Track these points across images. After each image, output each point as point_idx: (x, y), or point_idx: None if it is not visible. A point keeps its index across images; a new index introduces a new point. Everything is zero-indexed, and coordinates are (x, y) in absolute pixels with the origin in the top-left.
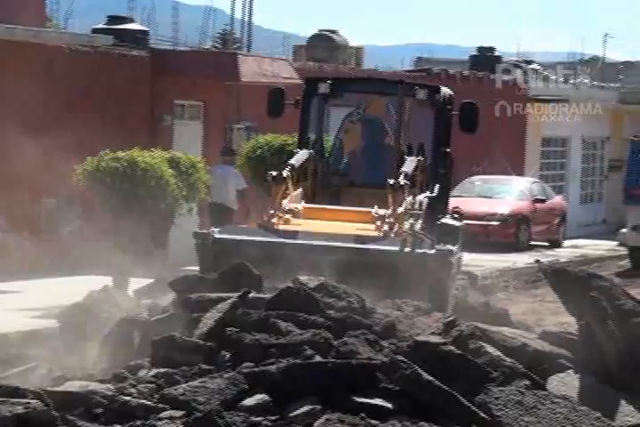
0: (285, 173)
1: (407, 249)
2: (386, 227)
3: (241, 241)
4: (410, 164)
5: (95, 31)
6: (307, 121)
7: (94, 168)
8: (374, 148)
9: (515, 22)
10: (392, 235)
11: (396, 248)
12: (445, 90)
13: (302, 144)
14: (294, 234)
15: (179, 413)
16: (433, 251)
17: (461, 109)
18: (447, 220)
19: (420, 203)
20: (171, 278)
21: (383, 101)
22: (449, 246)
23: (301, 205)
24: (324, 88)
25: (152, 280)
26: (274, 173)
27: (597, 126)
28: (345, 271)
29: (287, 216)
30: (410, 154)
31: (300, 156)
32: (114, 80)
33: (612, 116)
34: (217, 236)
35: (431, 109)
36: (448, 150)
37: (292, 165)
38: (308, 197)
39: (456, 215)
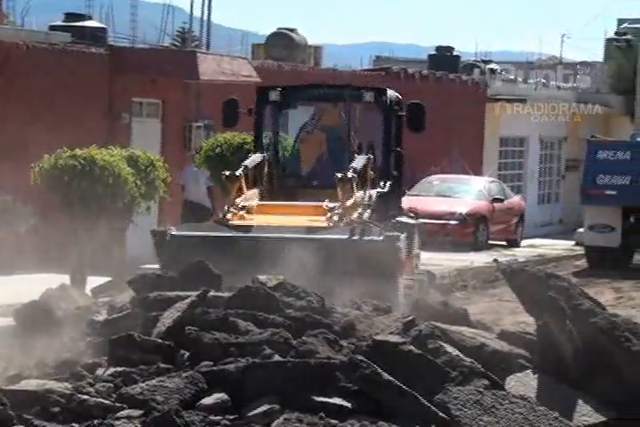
0: (238, 172)
1: (355, 237)
2: (335, 218)
3: (196, 237)
4: (359, 160)
5: (53, 28)
6: (260, 128)
7: (52, 166)
8: (329, 152)
9: (473, 22)
10: (341, 224)
11: (345, 236)
12: (391, 92)
13: (257, 148)
14: (248, 228)
15: (137, 412)
16: (381, 237)
17: (408, 110)
18: (402, 218)
19: (370, 196)
20: (129, 277)
21: (336, 110)
22: (396, 233)
23: (255, 202)
24: (274, 96)
25: (110, 279)
26: (227, 173)
27: (555, 126)
28: (298, 262)
29: (241, 213)
30: (360, 154)
31: (254, 158)
32: (72, 78)
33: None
34: (173, 233)
35: (379, 111)
36: (398, 150)
37: (246, 166)
38: (264, 198)
39: (411, 214)
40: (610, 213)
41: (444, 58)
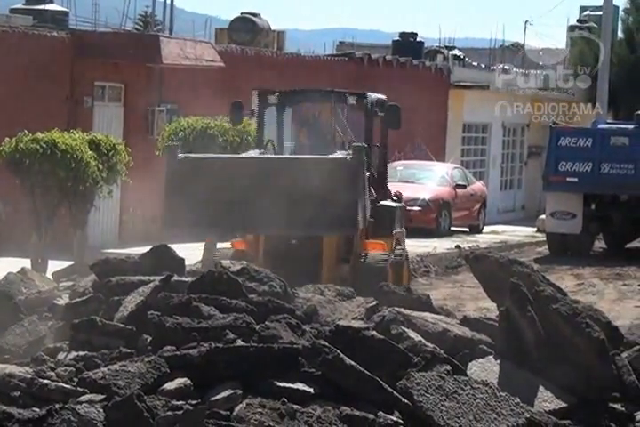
0: None
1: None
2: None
3: (206, 159)
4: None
5: (13, 11)
6: (262, 126)
7: (12, 149)
8: (317, 146)
9: (437, 8)
10: None
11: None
12: (372, 95)
13: (258, 144)
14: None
15: (98, 396)
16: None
17: (387, 111)
18: (386, 202)
19: None
20: (91, 261)
21: (332, 111)
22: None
23: None
24: (273, 99)
25: (71, 263)
26: None
27: (518, 113)
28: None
29: None
30: (343, 148)
31: (251, 153)
32: (33, 61)
33: (531, 103)
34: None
35: (361, 112)
36: (377, 145)
37: None
38: None
39: (395, 198)
40: (571, 199)
41: (407, 44)
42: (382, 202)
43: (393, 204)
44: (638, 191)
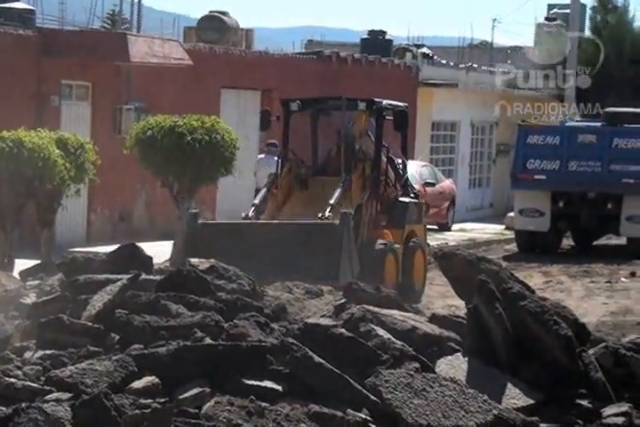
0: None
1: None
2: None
3: (221, 224)
4: (336, 195)
5: None
6: (286, 133)
7: None
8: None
9: (406, 7)
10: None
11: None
12: (381, 101)
13: (284, 151)
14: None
15: (66, 395)
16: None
17: (394, 115)
18: (404, 198)
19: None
20: (58, 260)
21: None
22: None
23: None
24: (294, 106)
25: (38, 262)
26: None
27: (486, 111)
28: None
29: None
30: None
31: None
32: None
33: (500, 101)
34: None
35: (370, 117)
36: (385, 147)
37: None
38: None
39: (412, 195)
40: (539, 197)
41: (376, 42)
42: (401, 198)
43: (408, 200)
44: (606, 189)
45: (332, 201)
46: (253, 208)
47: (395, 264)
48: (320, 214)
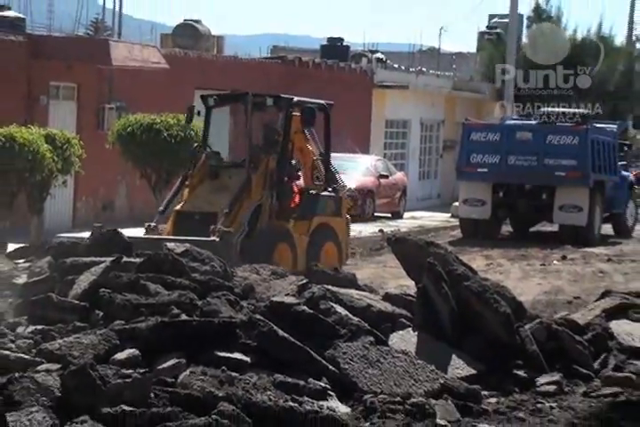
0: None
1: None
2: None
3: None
4: (234, 199)
5: None
6: (207, 125)
7: None
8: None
9: (362, 15)
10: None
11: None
12: (291, 98)
13: (203, 142)
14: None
15: (55, 366)
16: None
17: (302, 112)
18: (314, 191)
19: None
20: (47, 244)
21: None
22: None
23: None
24: (211, 102)
25: (24, 244)
26: None
27: (434, 110)
28: None
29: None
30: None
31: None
32: None
33: (446, 102)
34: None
35: (278, 111)
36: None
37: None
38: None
39: (329, 189)
40: (481, 188)
41: (334, 48)
42: (312, 191)
43: (321, 193)
44: (540, 181)
45: (226, 209)
46: (157, 216)
47: (290, 253)
48: (212, 227)
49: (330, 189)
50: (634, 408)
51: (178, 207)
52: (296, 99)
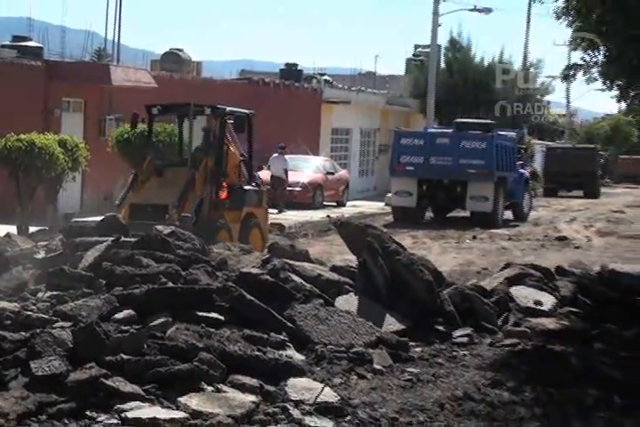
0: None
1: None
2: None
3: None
4: (181, 194)
5: (2, 46)
6: (151, 131)
7: (2, 147)
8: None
9: (313, 45)
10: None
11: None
12: (224, 108)
13: (148, 147)
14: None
15: (68, 323)
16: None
17: (235, 119)
18: (244, 186)
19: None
20: (60, 227)
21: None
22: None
23: None
24: (155, 111)
25: (44, 228)
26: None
27: (371, 121)
28: None
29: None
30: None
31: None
32: (16, 83)
33: (381, 114)
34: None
35: (215, 120)
36: (227, 146)
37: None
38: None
39: (253, 184)
40: (409, 182)
41: (291, 71)
42: (243, 186)
43: (248, 188)
44: (456, 177)
45: (176, 202)
46: (115, 210)
47: (228, 238)
48: (167, 215)
49: (253, 184)
50: (528, 355)
51: (132, 200)
52: (228, 108)
